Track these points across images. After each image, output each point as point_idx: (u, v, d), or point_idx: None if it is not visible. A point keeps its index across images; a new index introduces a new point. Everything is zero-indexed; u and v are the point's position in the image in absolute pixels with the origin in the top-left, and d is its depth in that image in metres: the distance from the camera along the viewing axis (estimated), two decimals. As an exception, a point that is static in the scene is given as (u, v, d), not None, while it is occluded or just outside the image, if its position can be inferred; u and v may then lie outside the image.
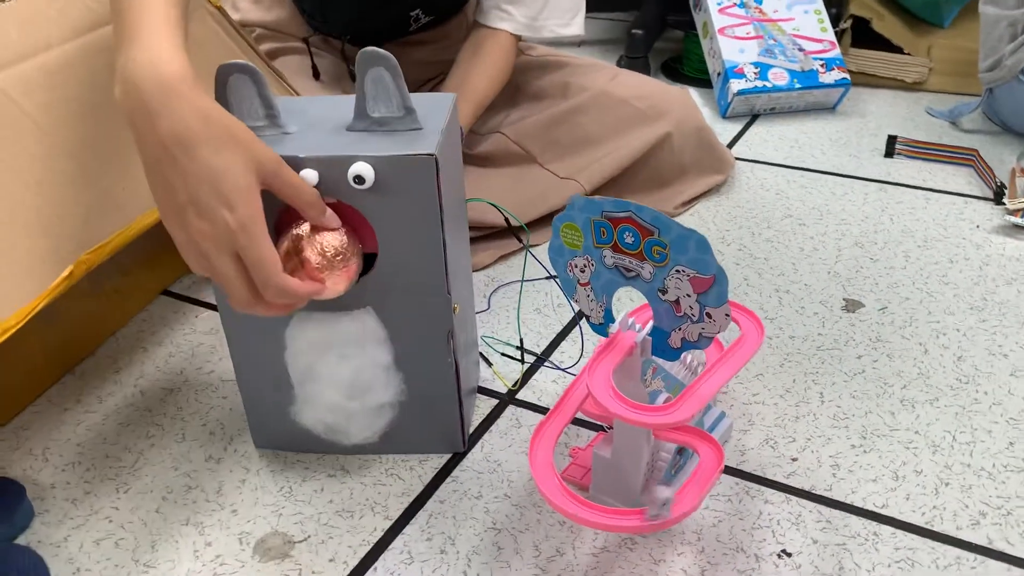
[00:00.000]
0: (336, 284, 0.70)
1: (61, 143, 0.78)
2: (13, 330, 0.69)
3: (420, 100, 0.73)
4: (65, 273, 0.74)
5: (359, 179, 0.68)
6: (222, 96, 0.70)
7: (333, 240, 0.69)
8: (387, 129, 0.71)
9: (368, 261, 0.74)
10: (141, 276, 1.07)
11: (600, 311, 0.71)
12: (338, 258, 0.69)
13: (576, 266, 0.71)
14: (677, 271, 0.64)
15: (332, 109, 0.76)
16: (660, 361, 0.73)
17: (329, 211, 0.69)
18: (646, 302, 0.69)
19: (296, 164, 0.68)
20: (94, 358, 1.00)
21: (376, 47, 0.68)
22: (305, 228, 0.69)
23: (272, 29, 1.26)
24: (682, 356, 0.78)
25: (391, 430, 0.81)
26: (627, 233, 0.65)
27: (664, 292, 0.66)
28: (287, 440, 0.84)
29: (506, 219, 1.10)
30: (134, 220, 0.80)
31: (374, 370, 0.77)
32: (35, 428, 0.90)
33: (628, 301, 0.91)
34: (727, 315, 0.63)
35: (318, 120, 0.74)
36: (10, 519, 0.77)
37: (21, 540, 0.77)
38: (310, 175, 0.69)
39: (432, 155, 0.68)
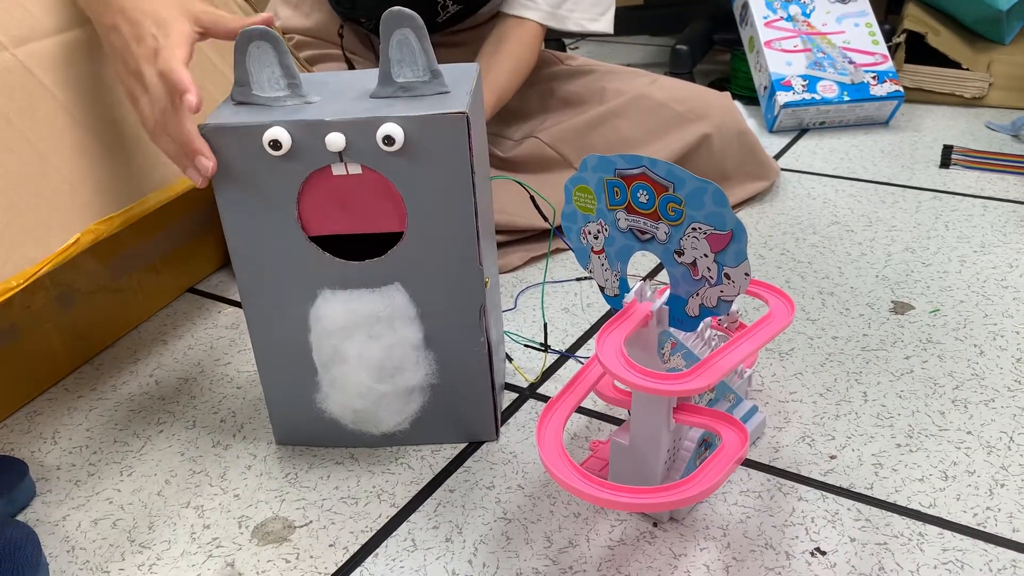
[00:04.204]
0: None
1: (78, 117, 0.77)
2: (15, 290, 0.68)
3: (444, 69, 0.71)
4: (72, 240, 0.72)
5: (389, 140, 0.66)
6: (242, 64, 0.69)
7: None
8: (413, 94, 0.68)
9: (394, 237, 0.71)
10: (166, 274, 1.06)
11: (615, 281, 0.67)
12: None
13: (590, 232, 0.67)
14: (693, 229, 0.60)
15: (355, 81, 0.73)
16: (680, 336, 0.68)
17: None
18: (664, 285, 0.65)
19: (322, 128, 0.66)
20: (113, 349, 0.99)
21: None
22: None
23: (312, 36, 1.26)
24: (704, 334, 0.73)
25: (422, 416, 0.77)
26: (641, 191, 0.61)
27: (680, 254, 0.61)
28: (311, 434, 0.80)
29: (539, 211, 1.07)
30: (146, 196, 0.79)
31: (405, 349, 0.74)
32: (47, 413, 0.89)
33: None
34: (747, 274, 0.59)
35: (341, 90, 0.71)
36: (9, 496, 0.75)
37: (20, 518, 0.75)
38: (337, 139, 0.66)
39: (463, 113, 0.65)
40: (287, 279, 0.73)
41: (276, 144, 0.66)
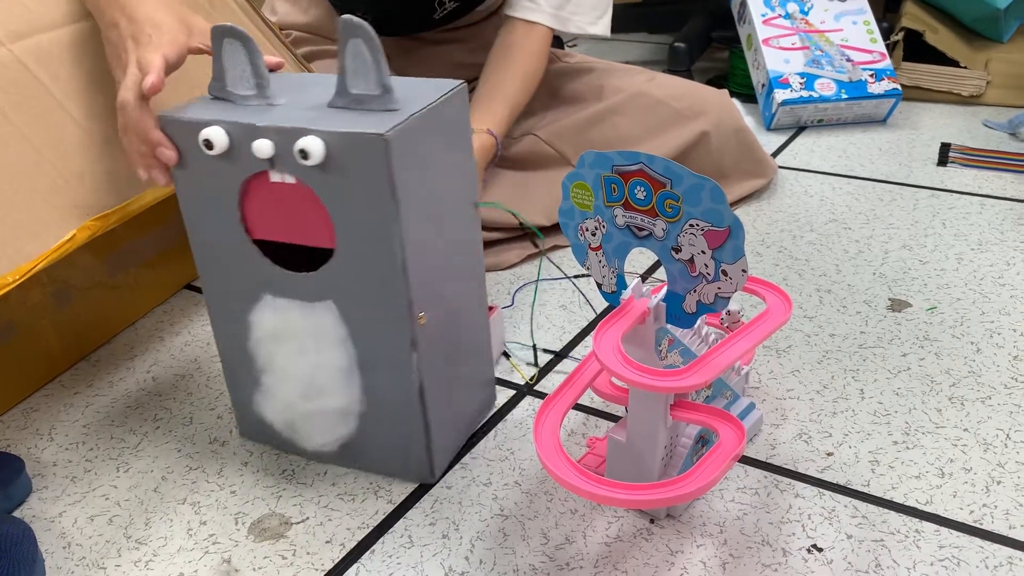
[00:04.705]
0: None
1: (73, 113, 0.77)
2: (11, 286, 0.68)
3: (417, 84, 0.68)
4: (68, 236, 0.72)
5: (303, 153, 0.62)
6: (218, 59, 0.68)
7: None
8: (363, 107, 0.65)
9: (328, 253, 0.69)
10: (163, 270, 1.06)
11: (612, 277, 0.67)
12: None
13: (587, 229, 0.67)
14: (691, 225, 0.60)
15: (329, 86, 0.70)
16: (677, 333, 0.68)
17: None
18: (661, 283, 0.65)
19: (253, 133, 0.64)
20: (110, 346, 0.98)
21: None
22: None
23: (310, 32, 1.26)
24: (702, 332, 0.73)
25: (352, 442, 0.75)
26: (638, 188, 0.61)
27: (678, 250, 0.61)
28: (261, 434, 0.80)
29: (520, 223, 1.07)
30: (143, 192, 0.79)
31: (331, 371, 0.71)
32: (44, 409, 0.89)
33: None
34: (744, 271, 0.59)
35: (309, 96, 0.69)
36: (6, 492, 0.74)
37: (16, 514, 0.75)
38: (264, 145, 0.64)
39: (381, 136, 0.60)
40: (236, 278, 0.72)
41: (208, 144, 0.65)
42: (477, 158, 0.99)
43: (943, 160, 1.32)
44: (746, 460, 0.76)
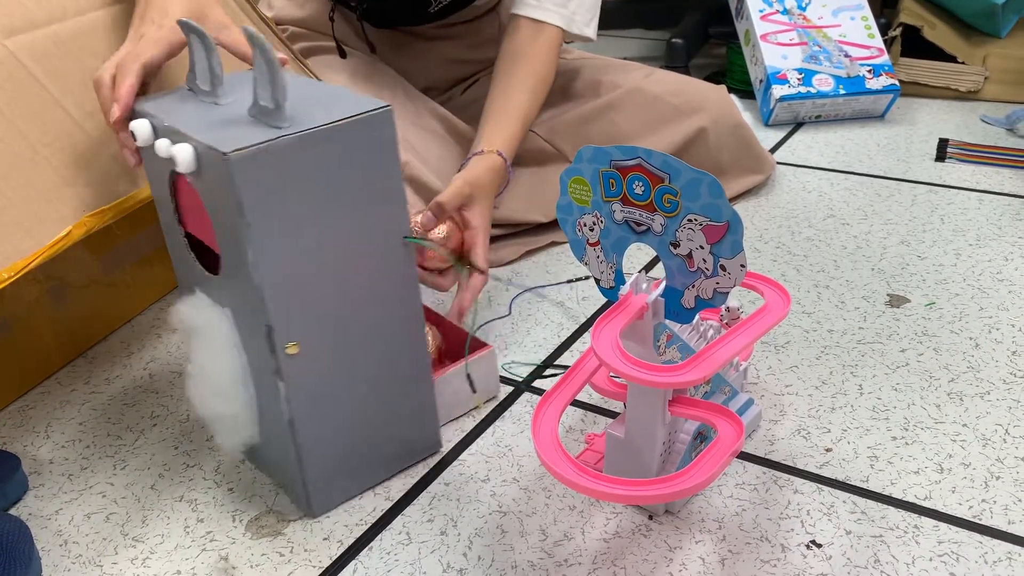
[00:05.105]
0: None
1: (69, 109, 0.77)
2: (7, 283, 0.68)
3: (340, 101, 0.64)
4: (63, 233, 0.72)
5: (172, 160, 0.61)
6: (190, 53, 0.69)
7: None
8: (263, 120, 0.62)
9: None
10: (160, 266, 1.06)
11: (611, 273, 0.67)
12: None
13: (585, 224, 0.66)
14: (689, 220, 0.59)
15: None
16: (675, 329, 0.68)
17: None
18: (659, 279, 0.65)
19: (159, 131, 0.65)
20: (107, 343, 0.98)
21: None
22: None
23: (306, 27, 1.25)
24: (701, 327, 0.73)
25: (255, 449, 0.74)
26: (637, 183, 0.61)
27: (676, 246, 0.61)
28: None
29: (472, 265, 0.96)
30: (138, 188, 0.79)
31: (229, 376, 0.69)
32: (40, 407, 0.88)
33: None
34: (743, 266, 0.59)
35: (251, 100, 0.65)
36: (2, 490, 0.74)
37: (12, 512, 0.75)
38: (163, 145, 0.63)
39: (224, 155, 0.57)
40: (180, 267, 0.74)
41: (133, 136, 0.66)
42: (485, 182, 0.97)
43: (941, 156, 1.32)
44: (745, 456, 0.76)
